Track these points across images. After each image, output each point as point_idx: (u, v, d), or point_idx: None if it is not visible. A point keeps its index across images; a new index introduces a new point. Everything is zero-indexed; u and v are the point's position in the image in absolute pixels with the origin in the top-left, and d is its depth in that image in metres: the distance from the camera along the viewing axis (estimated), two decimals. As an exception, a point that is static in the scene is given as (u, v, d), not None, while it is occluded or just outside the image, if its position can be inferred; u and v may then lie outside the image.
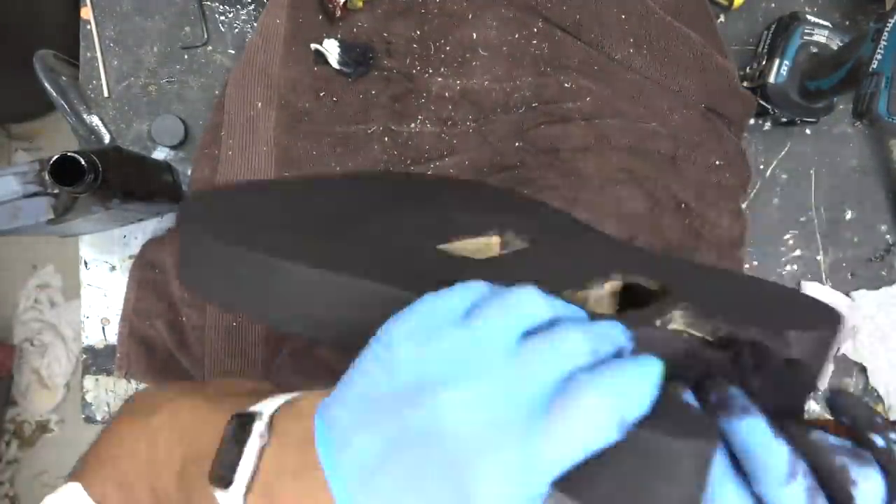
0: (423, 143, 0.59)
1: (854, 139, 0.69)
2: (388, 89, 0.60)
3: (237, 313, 0.30)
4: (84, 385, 0.63)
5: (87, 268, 0.63)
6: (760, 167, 0.67)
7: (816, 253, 0.68)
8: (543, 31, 0.60)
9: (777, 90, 0.61)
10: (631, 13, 0.59)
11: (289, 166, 0.59)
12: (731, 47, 0.65)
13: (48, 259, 1.62)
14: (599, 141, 0.59)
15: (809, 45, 0.61)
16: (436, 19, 0.60)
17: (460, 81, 0.60)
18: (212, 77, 0.62)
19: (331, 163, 0.59)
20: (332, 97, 0.60)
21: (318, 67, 0.59)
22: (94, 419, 0.63)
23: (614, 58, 0.61)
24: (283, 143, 0.59)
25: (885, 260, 0.69)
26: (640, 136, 0.59)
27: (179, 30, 0.62)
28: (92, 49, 0.62)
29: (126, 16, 0.62)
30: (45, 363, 1.60)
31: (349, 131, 0.59)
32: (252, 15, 0.63)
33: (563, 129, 0.59)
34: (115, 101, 0.62)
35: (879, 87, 0.49)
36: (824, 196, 0.68)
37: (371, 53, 0.59)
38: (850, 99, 0.53)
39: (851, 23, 0.68)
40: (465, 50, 0.60)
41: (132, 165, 0.53)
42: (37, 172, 0.45)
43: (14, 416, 1.62)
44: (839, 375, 0.69)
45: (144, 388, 0.60)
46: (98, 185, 0.46)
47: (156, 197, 0.58)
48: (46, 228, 0.47)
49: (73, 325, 1.61)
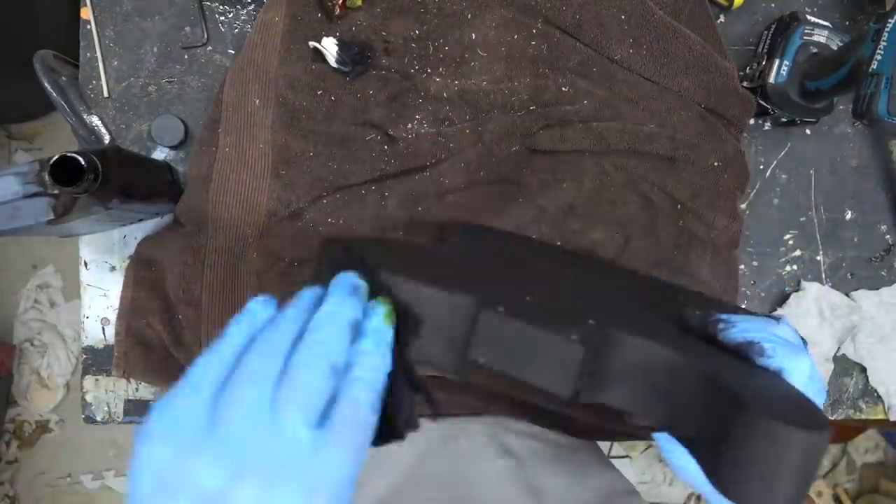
0: (419, 147, 0.59)
1: (854, 139, 0.69)
2: (385, 89, 0.60)
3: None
4: (84, 385, 0.63)
5: (87, 268, 0.63)
6: (760, 167, 0.67)
7: (816, 253, 0.68)
8: (542, 32, 0.60)
9: (777, 90, 0.61)
10: (631, 14, 0.59)
11: (285, 164, 0.59)
12: (731, 47, 0.65)
13: (48, 259, 1.62)
14: (597, 144, 0.59)
15: (809, 45, 0.61)
16: (435, 19, 0.60)
17: (458, 82, 0.59)
18: (212, 77, 0.62)
19: (327, 162, 0.59)
20: (329, 96, 0.60)
21: (315, 65, 0.59)
22: (94, 419, 0.63)
23: (614, 58, 0.61)
24: (280, 141, 0.59)
25: (885, 260, 0.69)
26: (639, 138, 0.59)
27: (179, 30, 0.62)
28: (92, 49, 0.62)
29: (126, 16, 0.62)
30: (45, 363, 1.60)
31: (347, 132, 0.59)
32: (252, 15, 0.63)
33: (560, 133, 0.59)
34: (115, 101, 0.62)
35: (879, 88, 0.49)
36: (824, 196, 0.68)
37: (369, 52, 0.59)
38: (850, 99, 0.53)
39: (851, 23, 0.68)
40: (463, 50, 0.60)
41: (132, 165, 0.53)
42: (37, 172, 0.45)
43: (14, 416, 1.62)
44: (839, 375, 0.69)
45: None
46: (98, 185, 0.46)
47: (156, 197, 0.58)
48: (46, 229, 0.47)
49: (73, 325, 1.61)
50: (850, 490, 1.82)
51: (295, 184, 0.59)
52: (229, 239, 0.59)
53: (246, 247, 0.59)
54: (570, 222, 0.58)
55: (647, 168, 0.60)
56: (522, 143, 0.60)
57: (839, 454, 1.83)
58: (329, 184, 0.59)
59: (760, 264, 0.68)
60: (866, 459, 1.85)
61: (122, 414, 0.64)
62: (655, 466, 1.78)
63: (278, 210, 0.59)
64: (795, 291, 0.68)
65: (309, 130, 0.59)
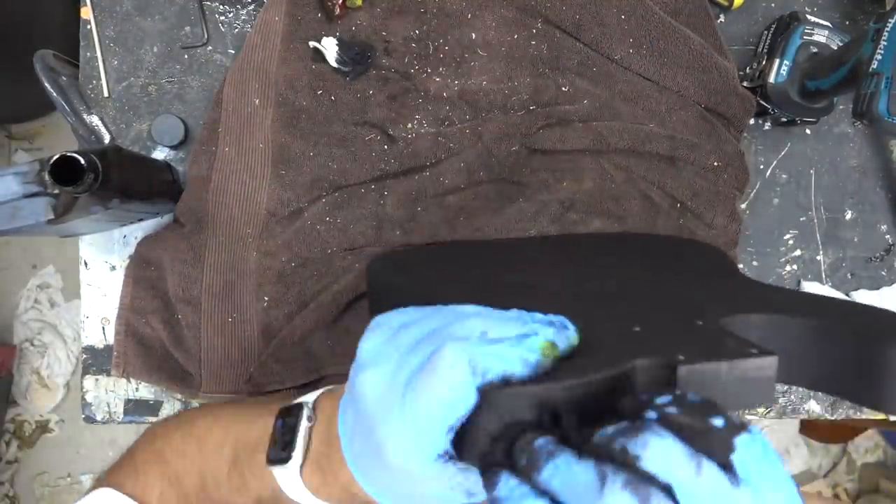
0: (419, 147, 0.59)
1: (854, 139, 0.69)
2: (385, 88, 0.60)
3: None
4: (84, 385, 0.63)
5: (87, 268, 0.63)
6: (760, 167, 0.67)
7: (816, 253, 0.68)
8: (543, 32, 0.60)
9: (777, 90, 0.61)
10: (631, 13, 0.59)
11: (285, 164, 0.59)
12: (731, 47, 0.65)
13: (48, 259, 1.62)
14: (597, 143, 0.59)
15: (809, 45, 0.61)
16: (435, 19, 0.60)
17: (458, 82, 0.59)
18: (212, 77, 0.62)
19: (326, 162, 0.59)
20: (329, 96, 0.60)
21: (315, 65, 0.59)
22: (94, 419, 0.63)
23: (614, 58, 0.61)
24: (280, 141, 0.59)
25: (885, 260, 0.69)
26: (638, 137, 0.59)
27: (179, 30, 0.62)
28: (92, 49, 0.62)
29: (126, 16, 0.62)
30: (45, 363, 1.60)
31: (346, 132, 0.59)
32: (252, 15, 0.63)
33: (560, 133, 0.59)
34: (115, 101, 0.62)
35: (879, 87, 0.49)
36: (824, 196, 0.68)
37: (369, 52, 0.59)
38: (850, 99, 0.53)
39: (851, 23, 0.68)
40: (463, 50, 0.60)
41: (132, 165, 0.53)
42: (37, 172, 0.45)
43: (14, 416, 1.62)
44: (839, 375, 0.69)
45: (165, 417, 0.60)
46: (98, 185, 0.46)
47: (156, 197, 0.58)
48: (46, 228, 0.47)
49: (73, 325, 1.61)
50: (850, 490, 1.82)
51: (294, 184, 0.59)
52: (229, 239, 0.59)
53: (245, 247, 0.59)
54: (570, 215, 0.58)
55: (646, 167, 0.60)
56: (522, 143, 0.60)
57: (839, 454, 1.83)
58: (329, 183, 0.59)
59: (760, 264, 0.68)
60: (866, 459, 1.85)
61: (123, 414, 0.64)
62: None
63: (278, 210, 0.59)
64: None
65: (309, 130, 0.59)
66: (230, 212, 0.59)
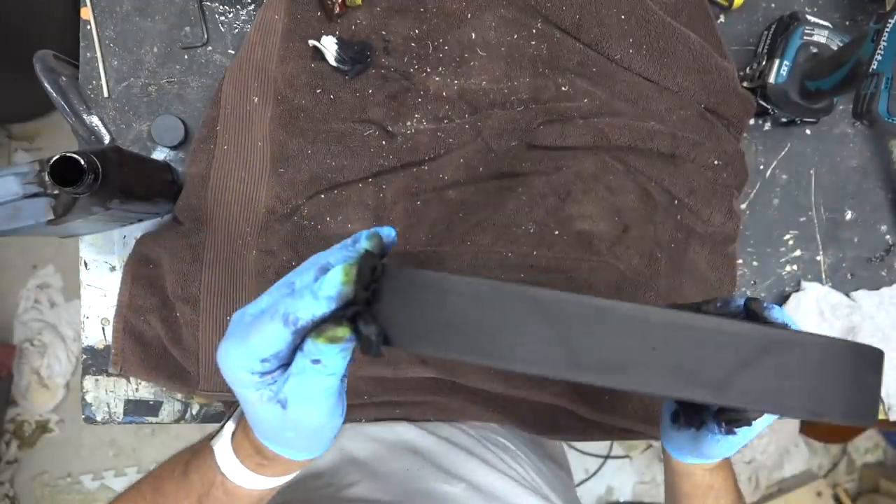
0: (418, 142, 0.59)
1: (854, 139, 0.69)
2: (384, 87, 0.60)
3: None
4: (84, 385, 0.63)
5: (87, 268, 0.63)
6: (760, 167, 0.67)
7: (816, 253, 0.68)
8: (542, 32, 0.60)
9: (777, 90, 0.61)
10: (631, 14, 0.59)
11: (284, 162, 0.59)
12: (731, 47, 0.65)
13: (48, 259, 1.62)
14: (598, 139, 0.59)
15: (809, 45, 0.61)
16: (434, 18, 0.60)
17: (458, 81, 0.59)
18: (212, 77, 0.62)
19: (325, 159, 0.59)
20: (328, 94, 0.59)
21: (315, 64, 0.59)
22: (93, 419, 0.63)
23: (613, 58, 0.61)
24: (279, 139, 0.59)
25: (885, 260, 0.69)
26: (640, 134, 0.59)
27: (179, 30, 0.62)
28: (92, 49, 0.62)
29: (126, 16, 0.62)
30: (45, 363, 1.60)
31: (345, 129, 0.59)
32: (252, 15, 0.63)
33: (561, 129, 0.59)
34: (115, 101, 0.62)
35: (879, 88, 0.49)
36: (824, 196, 0.68)
37: (369, 51, 0.59)
38: (850, 99, 0.53)
39: (851, 23, 0.68)
40: (463, 49, 0.60)
41: (132, 165, 0.53)
42: (37, 173, 0.45)
43: (14, 416, 1.62)
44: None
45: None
46: (98, 185, 0.46)
47: (156, 197, 0.58)
48: (46, 229, 0.47)
49: (73, 325, 1.61)
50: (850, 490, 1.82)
51: (293, 181, 0.59)
52: (228, 237, 0.59)
53: (244, 245, 0.59)
54: (567, 208, 0.58)
55: (645, 163, 0.60)
56: (522, 139, 0.60)
57: (839, 454, 1.83)
58: (327, 181, 0.59)
59: (760, 264, 0.68)
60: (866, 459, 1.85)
61: (122, 414, 0.64)
62: (655, 466, 1.78)
63: (277, 208, 0.59)
64: (795, 291, 0.67)
65: (307, 129, 0.59)
66: (229, 210, 0.59)
